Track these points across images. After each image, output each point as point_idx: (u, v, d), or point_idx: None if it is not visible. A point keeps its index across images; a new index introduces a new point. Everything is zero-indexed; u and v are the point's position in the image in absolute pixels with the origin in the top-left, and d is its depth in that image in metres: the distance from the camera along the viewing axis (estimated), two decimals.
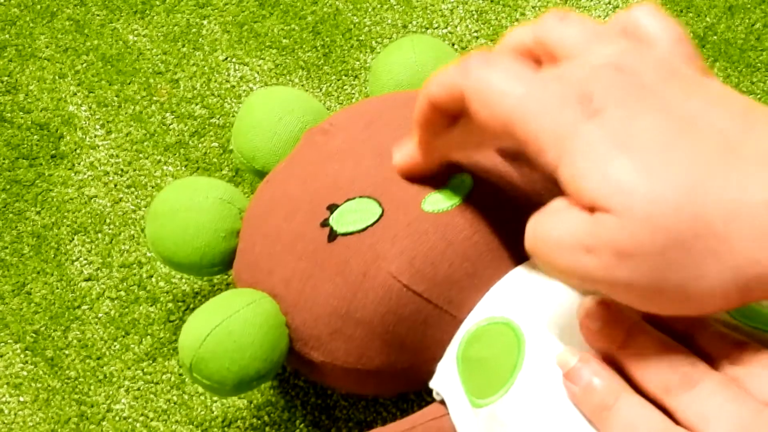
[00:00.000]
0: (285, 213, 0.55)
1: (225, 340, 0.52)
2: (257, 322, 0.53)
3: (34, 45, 0.82)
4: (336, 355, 0.53)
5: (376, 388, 0.58)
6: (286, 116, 0.61)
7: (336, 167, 0.55)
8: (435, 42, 0.66)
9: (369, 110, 0.59)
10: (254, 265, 0.56)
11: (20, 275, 0.71)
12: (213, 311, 0.53)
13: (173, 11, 0.83)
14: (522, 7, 0.81)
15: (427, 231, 0.51)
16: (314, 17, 0.82)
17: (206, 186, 0.60)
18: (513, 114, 0.39)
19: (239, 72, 0.79)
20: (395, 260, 0.50)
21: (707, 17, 0.79)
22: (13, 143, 0.77)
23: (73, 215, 0.73)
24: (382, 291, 0.50)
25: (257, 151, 0.61)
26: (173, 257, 0.59)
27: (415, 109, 0.47)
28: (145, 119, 0.77)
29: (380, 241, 0.51)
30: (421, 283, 0.50)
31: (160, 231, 0.59)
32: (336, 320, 0.52)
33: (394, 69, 0.64)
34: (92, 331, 0.69)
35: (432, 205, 0.51)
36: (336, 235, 0.52)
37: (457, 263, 0.50)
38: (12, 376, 0.68)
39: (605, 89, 0.37)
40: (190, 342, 0.53)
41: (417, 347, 0.52)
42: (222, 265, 0.60)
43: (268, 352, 0.53)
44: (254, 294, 0.54)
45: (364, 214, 0.52)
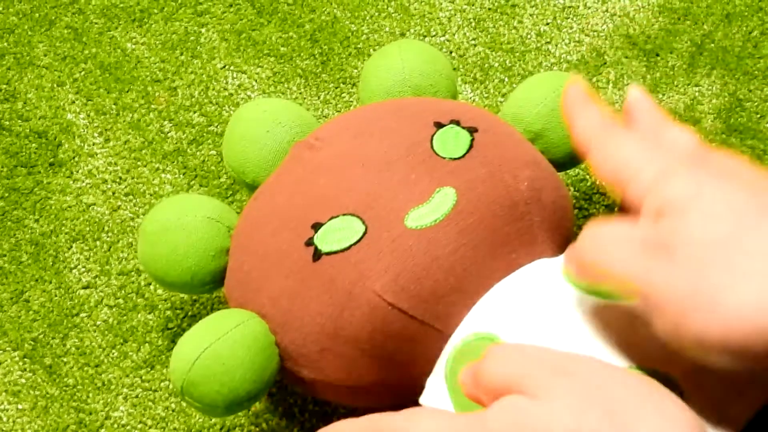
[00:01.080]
0: (271, 231, 0.55)
1: (214, 364, 0.52)
2: (246, 344, 0.53)
3: (33, 53, 0.82)
4: (326, 373, 0.53)
5: (368, 402, 0.58)
6: (274, 128, 0.61)
7: (321, 183, 0.55)
8: (423, 46, 0.65)
9: (355, 122, 0.59)
10: (243, 283, 0.56)
11: (18, 283, 0.71)
12: (202, 334, 0.54)
13: (171, 19, 0.83)
14: (519, 15, 0.81)
15: (411, 247, 0.51)
16: (312, 25, 0.82)
17: (195, 204, 0.60)
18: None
19: (237, 80, 0.79)
20: (380, 278, 0.50)
21: (704, 25, 0.79)
22: (12, 151, 0.77)
23: (72, 223, 0.73)
24: (368, 309, 0.50)
25: (247, 165, 0.61)
26: (165, 277, 0.59)
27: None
28: (144, 127, 0.77)
29: (364, 260, 0.51)
30: (406, 301, 0.50)
31: (150, 251, 0.59)
32: (324, 339, 0.52)
33: (383, 76, 0.64)
34: (90, 338, 0.69)
35: (415, 221, 0.51)
36: (321, 255, 0.52)
37: (442, 279, 0.50)
38: (10, 384, 0.68)
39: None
40: (180, 366, 0.53)
41: (406, 363, 0.52)
42: (214, 283, 0.60)
43: (258, 374, 0.53)
44: (243, 315, 0.54)
45: (347, 232, 0.52)
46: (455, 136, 0.56)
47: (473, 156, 0.55)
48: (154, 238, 0.59)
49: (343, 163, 0.55)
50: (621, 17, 0.80)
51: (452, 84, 0.65)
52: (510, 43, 0.80)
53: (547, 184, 0.57)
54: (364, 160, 0.55)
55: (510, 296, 0.50)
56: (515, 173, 0.55)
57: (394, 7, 0.82)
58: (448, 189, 0.52)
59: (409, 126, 0.57)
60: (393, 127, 0.57)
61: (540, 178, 0.56)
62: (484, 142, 0.56)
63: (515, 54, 0.79)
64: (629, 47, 0.79)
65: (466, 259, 0.51)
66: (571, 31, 0.80)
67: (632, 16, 0.80)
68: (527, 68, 0.78)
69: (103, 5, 0.84)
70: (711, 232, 0.37)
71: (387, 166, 0.54)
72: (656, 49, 0.79)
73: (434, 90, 0.64)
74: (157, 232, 0.59)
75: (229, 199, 0.74)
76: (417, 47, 0.65)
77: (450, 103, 0.61)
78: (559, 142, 0.62)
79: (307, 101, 0.78)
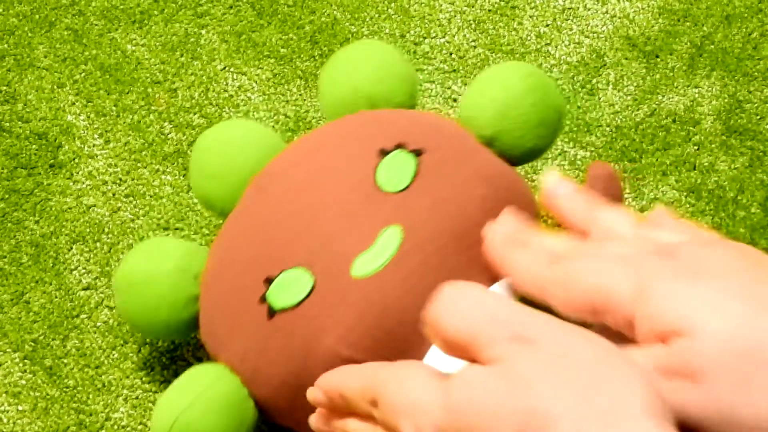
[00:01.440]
0: (230, 284, 0.55)
1: (189, 430, 0.53)
2: (219, 404, 0.53)
3: (33, 55, 0.82)
4: (300, 423, 0.53)
5: None
6: (236, 158, 0.59)
7: (270, 232, 0.54)
8: (373, 48, 0.65)
9: (304, 155, 0.58)
10: (213, 336, 0.57)
11: (19, 284, 0.71)
12: (174, 400, 0.54)
13: (171, 21, 0.83)
14: (519, 17, 0.81)
15: (358, 300, 0.50)
16: (312, 27, 0.82)
17: (163, 253, 0.59)
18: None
19: (237, 81, 0.80)
20: (332, 332, 0.50)
21: (704, 26, 0.79)
22: (12, 153, 0.77)
23: (72, 224, 0.73)
24: (327, 364, 0.50)
25: (211, 196, 0.60)
26: (144, 329, 0.61)
27: None
28: (144, 128, 0.77)
29: (317, 315, 0.51)
30: (361, 352, 0.50)
31: (124, 306, 0.60)
32: (291, 393, 0.52)
33: (335, 90, 0.63)
34: (91, 339, 0.69)
35: (361, 269, 0.51)
36: (274, 312, 0.52)
37: (393, 327, 0.50)
38: (11, 385, 0.68)
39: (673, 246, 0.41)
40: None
41: None
42: (190, 329, 0.60)
43: (235, 430, 0.54)
44: (216, 370, 0.55)
45: (297, 287, 0.52)
46: (400, 165, 0.55)
47: (418, 186, 0.54)
48: (125, 293, 0.60)
49: (290, 207, 0.54)
50: (621, 19, 0.80)
51: (409, 85, 0.64)
52: (510, 44, 0.80)
53: (504, 196, 0.55)
54: (310, 203, 0.54)
55: None
56: (465, 195, 0.54)
57: (394, 8, 0.82)
58: (393, 228, 0.52)
59: (355, 157, 0.56)
60: (339, 160, 0.56)
61: (493, 195, 0.55)
62: (430, 166, 0.55)
63: (515, 55, 0.79)
64: (629, 49, 0.79)
65: (415, 305, 0.49)
66: (571, 33, 0.80)
67: (632, 18, 0.80)
68: None
69: (103, 7, 0.84)
70: (733, 345, 0.36)
71: (334, 207, 0.53)
72: (656, 50, 0.79)
73: (389, 96, 0.62)
74: (128, 287, 0.59)
75: None
76: (366, 51, 0.64)
77: (398, 121, 0.59)
78: (513, 144, 0.60)
79: (307, 102, 0.78)
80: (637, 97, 0.77)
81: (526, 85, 0.60)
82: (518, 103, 0.60)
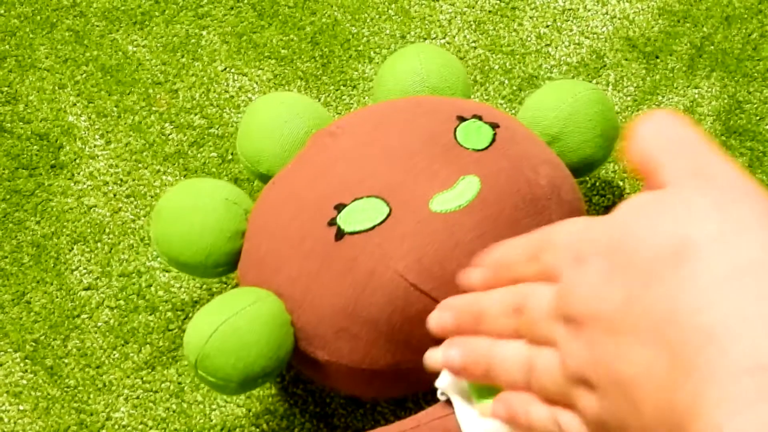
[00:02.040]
0: (292, 213, 0.55)
1: (230, 338, 0.52)
2: (262, 320, 0.53)
3: (34, 56, 0.82)
4: (341, 354, 0.53)
5: (380, 389, 0.58)
6: (291, 120, 0.61)
7: (344, 168, 0.55)
8: (440, 50, 0.66)
9: (375, 113, 0.59)
10: (260, 264, 0.56)
11: (20, 284, 0.72)
12: (218, 309, 0.54)
13: (172, 22, 0.83)
14: (519, 18, 0.81)
15: (436, 230, 0.51)
16: (313, 28, 0.82)
17: (212, 187, 0.60)
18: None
19: (238, 82, 0.80)
20: (403, 259, 0.50)
21: (704, 27, 0.80)
22: (13, 153, 0.77)
23: (73, 225, 0.74)
24: (389, 289, 0.50)
25: (262, 154, 0.61)
26: (178, 257, 0.59)
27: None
28: (145, 129, 0.78)
29: (388, 240, 0.51)
30: (428, 282, 0.50)
31: (165, 231, 0.59)
32: (342, 319, 0.52)
33: (401, 76, 0.64)
34: (91, 339, 0.69)
35: (440, 205, 0.52)
36: (343, 234, 0.52)
37: (465, 263, 0.50)
38: (12, 385, 0.68)
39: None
40: (196, 339, 0.53)
41: (422, 346, 0.52)
42: (227, 266, 0.60)
43: (273, 350, 0.53)
44: (259, 292, 0.55)
45: (371, 213, 0.52)
46: (478, 130, 0.57)
47: (496, 149, 0.55)
48: (170, 218, 0.59)
49: (365, 150, 0.56)
50: (621, 20, 0.80)
51: (468, 88, 0.66)
52: (510, 45, 0.80)
53: (565, 182, 0.57)
54: (386, 149, 0.55)
55: None
56: (536, 169, 0.55)
57: (395, 9, 0.82)
58: (472, 177, 0.53)
59: (431, 118, 0.58)
60: (414, 119, 0.57)
61: (559, 177, 0.57)
62: (505, 137, 0.57)
63: (515, 56, 0.79)
64: (629, 49, 0.79)
65: (488, 244, 0.51)
66: (571, 34, 0.80)
67: (632, 19, 0.80)
68: (527, 70, 0.79)
69: (104, 8, 0.84)
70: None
71: (410, 155, 0.55)
72: (656, 51, 0.79)
73: (451, 92, 0.64)
74: (173, 212, 0.59)
75: None
76: (435, 51, 0.66)
77: (469, 101, 0.62)
78: (575, 147, 0.63)
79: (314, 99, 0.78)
80: (637, 98, 0.77)
81: (594, 96, 0.63)
82: (586, 109, 0.63)
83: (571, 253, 0.39)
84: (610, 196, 0.72)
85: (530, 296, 0.41)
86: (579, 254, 0.38)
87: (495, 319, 0.43)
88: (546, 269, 0.41)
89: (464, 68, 0.66)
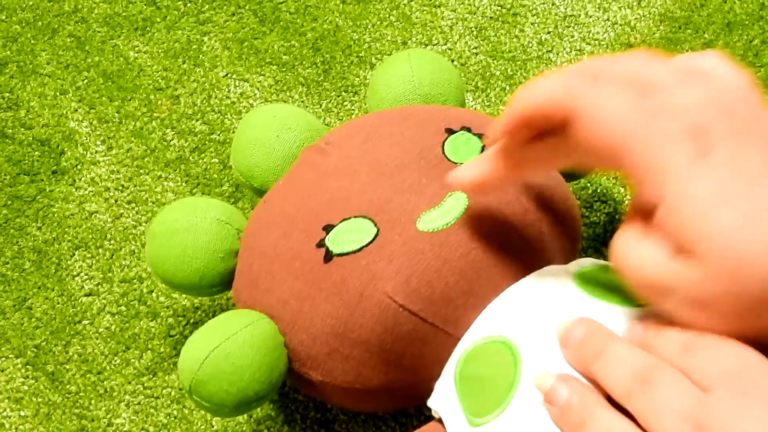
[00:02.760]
0: (282, 232, 0.55)
1: (223, 363, 0.52)
2: (255, 344, 0.53)
3: (36, 61, 0.82)
4: (334, 375, 0.53)
5: (375, 406, 0.58)
6: (284, 133, 0.61)
7: (332, 186, 0.55)
8: (432, 55, 0.66)
9: (365, 126, 0.59)
10: (252, 284, 0.56)
11: (21, 290, 0.71)
12: (211, 333, 0.54)
13: (174, 28, 0.83)
14: (521, 24, 0.81)
15: (423, 250, 0.51)
16: (314, 34, 0.82)
17: (204, 206, 0.60)
18: (625, 143, 0.39)
19: (239, 88, 0.80)
20: (391, 280, 0.50)
21: (705, 34, 0.80)
22: (15, 159, 0.77)
23: (74, 231, 0.74)
24: (378, 311, 0.50)
25: (255, 169, 0.61)
26: (172, 278, 0.59)
27: (504, 117, 0.45)
28: (146, 135, 0.78)
29: (376, 261, 0.51)
30: (417, 303, 0.50)
31: (158, 252, 0.59)
32: (333, 340, 0.52)
33: (392, 83, 0.64)
34: (93, 345, 0.69)
35: (427, 224, 0.51)
36: (332, 256, 0.52)
37: (453, 282, 0.50)
38: (13, 391, 0.68)
39: (714, 127, 0.38)
40: (189, 365, 0.53)
41: (414, 366, 0.52)
42: (221, 285, 0.60)
43: (266, 374, 0.53)
44: (252, 315, 0.54)
45: (359, 234, 0.52)
46: (466, 142, 0.56)
47: None
48: (163, 239, 0.59)
49: (354, 167, 0.55)
50: (622, 26, 0.80)
51: (461, 93, 0.65)
52: (511, 51, 0.80)
53: (556, 191, 0.57)
54: (375, 164, 0.55)
55: (520, 300, 0.50)
56: (525, 180, 0.55)
57: (396, 15, 0.82)
58: (459, 194, 0.53)
59: (420, 131, 0.57)
60: (403, 132, 0.57)
61: (549, 187, 0.57)
62: None
63: (517, 63, 0.80)
64: None
65: (476, 263, 0.51)
66: (573, 40, 0.80)
67: (633, 25, 0.80)
68: (528, 77, 0.79)
69: (105, 14, 0.84)
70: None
71: (398, 170, 0.54)
72: None
73: (443, 99, 0.64)
74: (166, 233, 0.59)
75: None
76: (427, 56, 0.66)
77: (460, 111, 0.61)
78: None
79: (309, 109, 0.78)
80: None
81: None
82: None
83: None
84: (611, 202, 0.72)
85: (663, 382, 0.39)
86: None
87: (613, 371, 0.42)
88: (691, 371, 0.40)
89: (457, 72, 0.66)
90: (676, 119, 0.38)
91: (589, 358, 0.43)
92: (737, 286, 0.35)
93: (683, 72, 0.41)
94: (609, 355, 0.42)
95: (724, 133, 0.38)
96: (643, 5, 0.81)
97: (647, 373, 0.39)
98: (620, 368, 0.41)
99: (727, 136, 0.37)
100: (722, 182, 0.36)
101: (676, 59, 0.42)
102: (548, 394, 0.43)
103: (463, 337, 0.51)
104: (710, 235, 0.36)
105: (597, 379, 0.42)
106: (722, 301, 0.36)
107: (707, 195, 0.36)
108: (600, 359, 0.42)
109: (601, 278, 0.49)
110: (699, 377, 0.38)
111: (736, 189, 0.36)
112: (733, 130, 0.38)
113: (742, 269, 0.35)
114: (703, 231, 0.36)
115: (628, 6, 0.81)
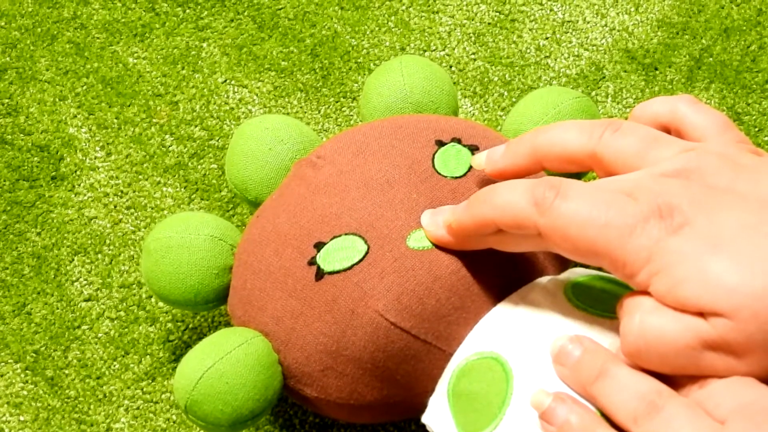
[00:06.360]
0: (274, 250, 0.55)
1: (217, 383, 0.52)
2: (249, 363, 0.53)
3: (35, 68, 0.82)
4: (329, 392, 0.53)
5: (370, 419, 0.58)
6: (276, 146, 0.61)
7: (323, 202, 0.55)
8: (424, 63, 0.65)
9: (356, 140, 0.59)
10: (246, 301, 0.56)
11: (20, 296, 0.72)
12: (205, 353, 0.54)
13: (173, 34, 0.83)
14: (519, 30, 0.81)
15: (413, 267, 0.51)
16: (313, 40, 0.82)
17: (198, 223, 0.60)
18: (596, 243, 0.40)
19: (238, 94, 0.80)
20: (382, 298, 0.50)
21: (703, 39, 0.80)
22: (14, 165, 0.77)
23: (73, 236, 0.74)
24: (370, 329, 0.50)
25: (249, 182, 0.61)
26: (168, 295, 0.60)
27: (469, 217, 0.48)
28: (145, 141, 0.78)
29: (367, 279, 0.51)
30: (408, 320, 0.50)
31: (153, 269, 0.60)
32: (326, 358, 0.52)
33: (384, 92, 0.64)
34: (92, 350, 0.69)
35: (417, 242, 0.51)
36: (323, 274, 0.52)
37: (444, 298, 0.51)
38: (12, 396, 0.68)
39: (680, 199, 0.39)
40: (184, 384, 0.53)
41: (408, 382, 0.52)
42: (217, 301, 0.60)
43: (261, 392, 0.54)
44: (246, 333, 0.55)
45: (350, 251, 0.52)
46: (457, 155, 0.56)
47: (473, 175, 0.55)
48: (158, 256, 0.59)
49: (345, 182, 0.55)
50: (620, 32, 0.81)
51: (453, 100, 0.65)
52: (509, 57, 0.80)
53: None
54: (365, 180, 0.55)
55: (511, 315, 0.50)
56: None
57: (395, 21, 0.83)
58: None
59: (411, 144, 0.57)
60: (394, 145, 0.57)
61: None
62: None
63: (515, 68, 0.80)
64: (628, 61, 0.79)
65: (467, 278, 0.51)
66: (570, 46, 0.80)
67: (631, 31, 0.81)
68: (527, 82, 0.79)
69: (104, 20, 0.84)
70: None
71: (389, 186, 0.54)
72: (655, 63, 0.79)
73: (435, 107, 0.64)
74: (160, 250, 0.59)
75: (230, 212, 0.74)
76: (418, 63, 0.65)
77: (451, 121, 0.61)
78: None
79: (308, 115, 0.78)
80: None
81: (577, 105, 0.63)
82: (570, 119, 0.62)
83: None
84: None
85: (674, 409, 0.39)
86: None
87: (616, 393, 0.41)
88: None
89: (449, 79, 0.66)
90: (641, 203, 0.40)
91: (589, 378, 0.43)
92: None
93: (651, 139, 0.43)
94: (611, 377, 0.42)
95: (693, 201, 0.39)
96: (641, 11, 0.82)
97: (655, 398, 0.40)
98: (625, 391, 0.41)
99: (697, 202, 0.39)
100: (704, 243, 0.38)
101: (643, 128, 0.44)
102: (545, 414, 0.43)
103: (455, 353, 0.51)
104: (732, 293, 0.37)
105: (597, 400, 0.42)
106: (759, 344, 0.37)
107: (694, 257, 0.38)
108: (601, 380, 0.42)
109: (594, 288, 0.50)
110: (712, 407, 0.39)
111: (731, 246, 0.38)
112: (702, 194, 0.40)
113: (759, 311, 0.37)
114: (721, 293, 0.37)
115: (626, 12, 0.82)
